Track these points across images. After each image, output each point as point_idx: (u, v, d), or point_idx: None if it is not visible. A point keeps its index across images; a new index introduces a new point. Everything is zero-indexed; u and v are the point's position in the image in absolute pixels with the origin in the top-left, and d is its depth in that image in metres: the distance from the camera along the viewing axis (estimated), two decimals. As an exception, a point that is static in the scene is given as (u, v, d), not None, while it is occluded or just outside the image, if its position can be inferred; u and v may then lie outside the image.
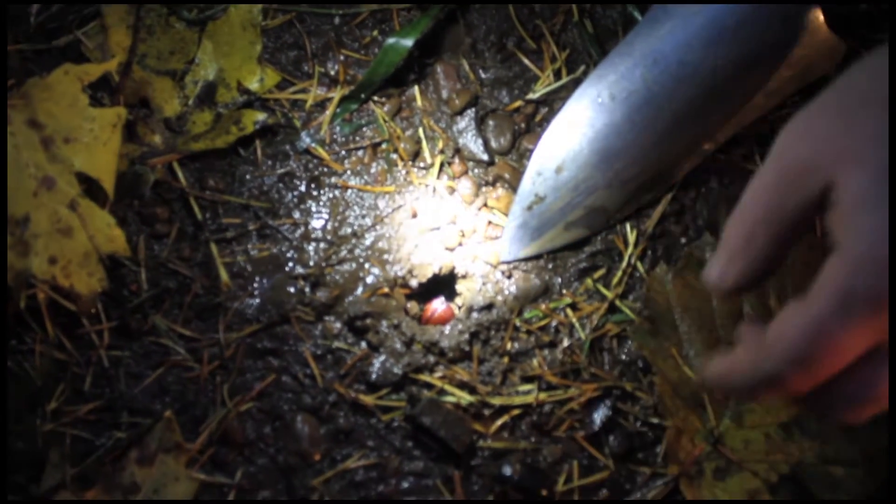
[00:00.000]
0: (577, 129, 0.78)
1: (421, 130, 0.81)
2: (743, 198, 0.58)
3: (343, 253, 0.77)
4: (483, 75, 0.83)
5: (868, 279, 0.50)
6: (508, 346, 0.76)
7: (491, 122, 0.81)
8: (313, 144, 0.80)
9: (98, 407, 0.73)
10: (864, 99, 0.54)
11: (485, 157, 0.80)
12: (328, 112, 0.80)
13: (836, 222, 0.52)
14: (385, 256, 0.77)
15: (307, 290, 0.76)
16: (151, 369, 0.75)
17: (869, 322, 0.51)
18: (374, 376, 0.75)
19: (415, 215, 0.78)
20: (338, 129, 0.80)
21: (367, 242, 0.77)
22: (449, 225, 0.77)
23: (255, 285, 0.76)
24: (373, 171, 0.79)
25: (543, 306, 0.77)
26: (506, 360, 0.76)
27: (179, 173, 0.78)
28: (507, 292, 0.77)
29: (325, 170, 0.79)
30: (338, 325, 0.76)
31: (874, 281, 0.50)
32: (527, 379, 0.76)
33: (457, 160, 0.80)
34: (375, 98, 0.81)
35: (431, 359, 0.75)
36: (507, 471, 0.74)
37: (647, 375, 0.75)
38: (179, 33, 0.81)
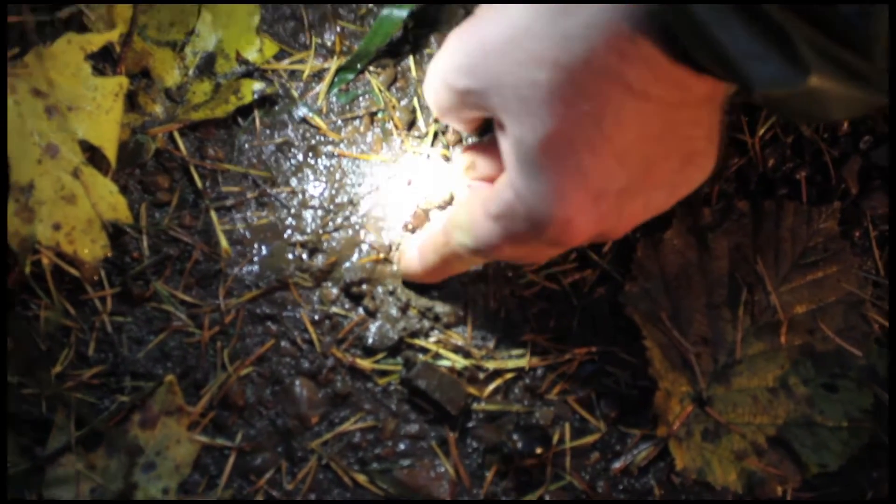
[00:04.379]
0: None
1: (416, 100, 0.82)
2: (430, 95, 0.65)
3: (339, 220, 0.78)
4: (477, 46, 0.84)
5: (522, 225, 0.58)
6: (502, 312, 0.78)
7: (485, 93, 0.82)
8: (310, 114, 0.81)
9: (102, 371, 0.75)
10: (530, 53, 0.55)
11: (478, 125, 0.81)
12: (325, 82, 0.81)
13: (503, 151, 0.58)
14: (380, 224, 0.78)
15: (305, 256, 0.77)
16: (153, 334, 0.76)
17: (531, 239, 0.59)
18: (370, 341, 0.76)
19: (410, 183, 0.79)
20: (334, 98, 0.81)
21: (363, 210, 0.78)
22: (443, 193, 0.78)
23: (254, 252, 0.77)
24: (369, 139, 0.80)
25: (532, 275, 0.79)
26: (499, 325, 0.77)
27: (180, 142, 0.79)
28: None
29: (322, 139, 0.80)
30: (335, 290, 0.77)
31: (529, 228, 0.58)
32: (520, 343, 0.77)
33: (451, 129, 0.81)
34: (371, 68, 0.82)
35: (427, 324, 0.77)
36: (501, 433, 0.75)
37: (637, 340, 0.77)
38: (179, 5, 0.81)
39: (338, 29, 0.83)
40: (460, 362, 0.76)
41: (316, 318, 0.77)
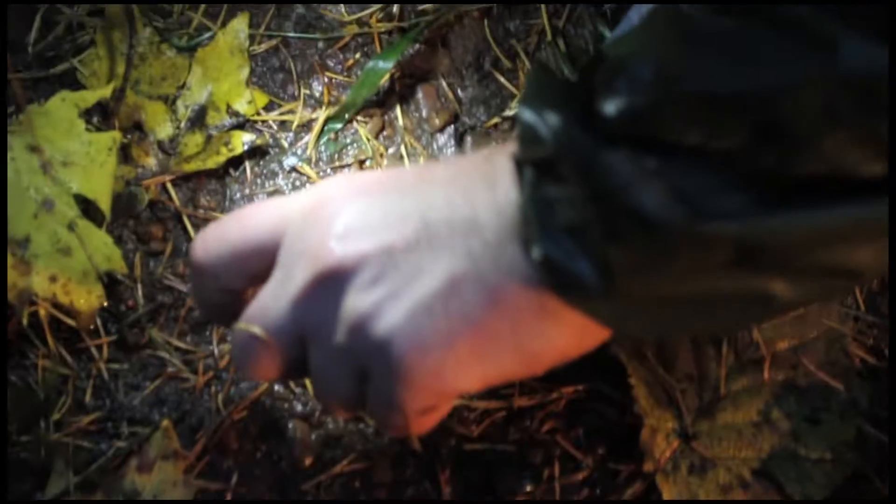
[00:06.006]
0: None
1: (403, 148, 0.84)
2: None
3: (330, 266, 0.80)
4: (461, 94, 0.86)
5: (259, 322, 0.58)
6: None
7: (469, 139, 0.84)
8: (300, 163, 0.83)
9: (99, 418, 0.76)
10: None
11: (464, 172, 0.83)
12: (314, 132, 0.83)
13: None
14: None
15: (296, 302, 0.79)
16: (149, 381, 0.78)
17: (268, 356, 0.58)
18: (362, 383, 0.77)
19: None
20: (323, 148, 0.83)
21: (353, 255, 0.79)
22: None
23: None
24: (357, 187, 0.82)
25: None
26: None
27: (173, 193, 0.81)
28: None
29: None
30: (327, 334, 0.78)
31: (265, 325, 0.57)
32: (508, 383, 0.78)
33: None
34: (359, 118, 0.84)
35: (417, 365, 0.78)
36: (492, 471, 0.76)
37: (623, 377, 0.78)
38: (171, 59, 0.84)
39: (325, 80, 0.85)
40: (450, 403, 0.77)
41: (308, 361, 0.78)
